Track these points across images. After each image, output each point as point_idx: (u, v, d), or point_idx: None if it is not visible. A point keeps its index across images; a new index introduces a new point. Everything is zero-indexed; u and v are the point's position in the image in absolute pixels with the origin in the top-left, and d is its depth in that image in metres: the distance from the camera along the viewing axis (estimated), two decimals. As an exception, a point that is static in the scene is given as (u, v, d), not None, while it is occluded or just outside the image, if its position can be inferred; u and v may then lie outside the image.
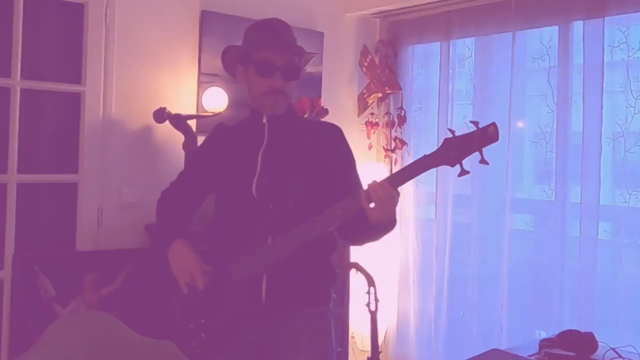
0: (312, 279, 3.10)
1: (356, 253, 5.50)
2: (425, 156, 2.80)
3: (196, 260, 3.05)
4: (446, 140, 2.75)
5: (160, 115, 4.92)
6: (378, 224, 2.84)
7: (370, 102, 6.39)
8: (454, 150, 2.71)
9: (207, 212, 3.56)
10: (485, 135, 2.66)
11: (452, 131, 2.77)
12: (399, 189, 2.86)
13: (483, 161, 2.72)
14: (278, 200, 3.01)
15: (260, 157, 3.11)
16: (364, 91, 6.40)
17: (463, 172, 2.74)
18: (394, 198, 2.80)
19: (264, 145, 3.14)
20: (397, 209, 2.96)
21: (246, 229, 3.02)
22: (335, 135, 3.26)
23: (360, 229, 2.97)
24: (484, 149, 2.72)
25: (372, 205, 2.77)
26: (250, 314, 2.98)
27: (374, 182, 2.79)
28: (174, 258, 3.11)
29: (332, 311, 3.30)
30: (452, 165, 2.74)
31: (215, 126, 3.51)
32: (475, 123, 2.71)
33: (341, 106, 6.27)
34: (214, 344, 3.01)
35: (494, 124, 2.69)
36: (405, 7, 6.14)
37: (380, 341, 5.68)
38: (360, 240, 3.23)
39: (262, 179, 3.07)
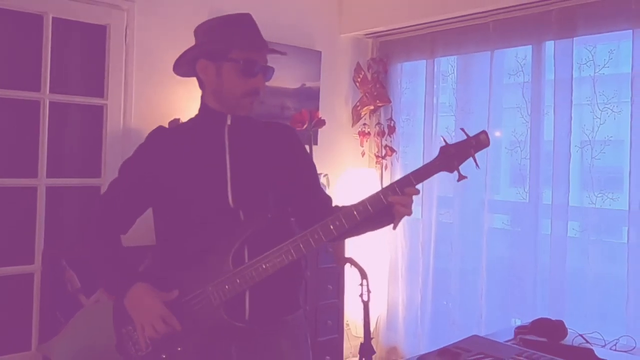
0: (289, 286, 2.76)
1: (350, 249, 5.50)
2: (426, 164, 2.61)
3: (160, 305, 2.51)
4: (442, 148, 2.58)
5: (174, 125, 4.93)
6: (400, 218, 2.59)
7: (363, 113, 6.39)
8: (451, 157, 2.56)
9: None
10: (478, 142, 2.55)
11: (445, 139, 2.62)
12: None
13: (477, 166, 2.62)
14: (256, 210, 2.61)
15: (228, 163, 2.66)
16: (358, 104, 6.40)
17: (461, 177, 2.57)
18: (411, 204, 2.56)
19: (228, 149, 2.69)
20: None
21: (218, 243, 2.56)
22: (291, 136, 2.91)
23: (375, 226, 2.70)
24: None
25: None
26: (232, 333, 2.59)
27: (406, 190, 2.52)
28: (134, 306, 2.58)
29: (304, 312, 2.96)
30: (451, 171, 2.58)
31: (154, 130, 2.94)
32: (464, 130, 2.62)
33: (337, 117, 6.27)
34: None
35: (484, 132, 2.59)
36: (395, 29, 6.15)
37: (372, 328, 5.67)
38: (364, 232, 2.78)
39: (235, 186, 2.63)
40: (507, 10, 5.28)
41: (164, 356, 2.61)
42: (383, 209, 2.53)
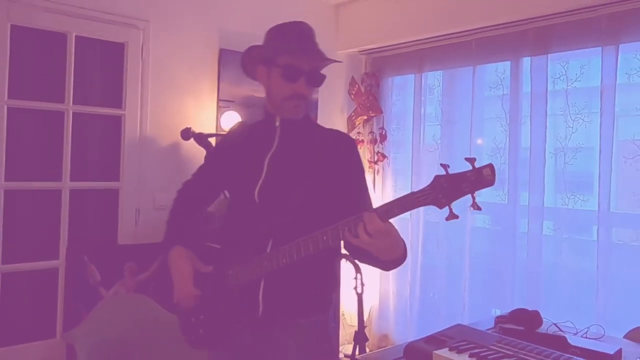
0: (311, 287, 2.58)
1: (346, 246, 5.50)
2: (412, 193, 2.20)
3: (189, 273, 2.63)
4: (436, 177, 2.15)
5: (186, 133, 4.93)
6: (378, 257, 2.33)
7: (357, 123, 6.39)
8: (442, 192, 2.15)
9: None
10: (479, 177, 2.07)
11: (445, 167, 2.16)
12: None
13: (474, 206, 2.17)
14: (279, 208, 2.51)
15: (267, 161, 2.61)
16: (352, 114, 6.40)
17: (451, 216, 2.17)
18: (386, 233, 2.23)
19: (273, 149, 2.63)
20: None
21: (248, 234, 2.60)
22: (348, 146, 2.70)
23: (367, 257, 2.39)
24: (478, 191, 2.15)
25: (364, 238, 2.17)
26: (244, 322, 2.56)
27: (367, 215, 2.18)
28: (172, 265, 2.71)
29: (330, 319, 2.72)
30: (440, 208, 2.19)
31: (236, 124, 3.04)
32: (471, 161, 2.09)
33: (333, 126, 6.20)
34: (210, 341, 2.67)
35: (490, 165, 2.06)
36: (386, 46, 6.15)
37: (365, 318, 5.69)
38: (368, 263, 2.53)
39: (265, 184, 2.57)
40: (488, 29, 5.30)
41: (192, 319, 2.72)
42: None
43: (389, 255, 2.36)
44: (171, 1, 5.11)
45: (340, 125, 6.40)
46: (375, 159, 6.32)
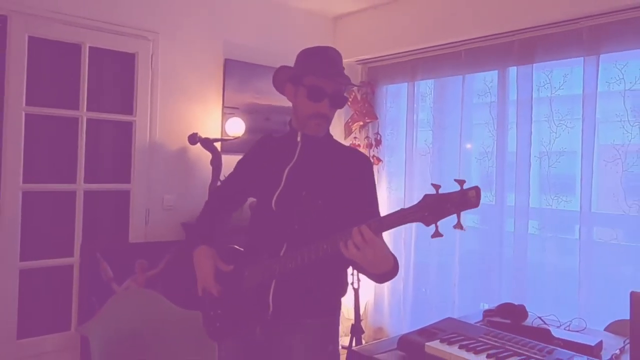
0: (318, 291, 2.62)
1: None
2: (402, 210, 2.21)
3: (211, 270, 2.70)
4: (426, 196, 2.17)
5: (193, 138, 4.95)
6: (369, 271, 2.40)
7: (354, 128, 6.40)
8: (429, 211, 2.15)
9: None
10: (464, 199, 2.10)
11: (436, 187, 2.18)
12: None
13: (458, 226, 2.16)
14: (293, 217, 2.56)
15: (286, 173, 2.65)
16: (349, 120, 6.40)
17: (436, 234, 2.17)
18: (375, 247, 2.19)
19: (293, 162, 2.68)
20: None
21: (265, 238, 2.66)
22: (364, 165, 2.74)
23: (358, 268, 2.49)
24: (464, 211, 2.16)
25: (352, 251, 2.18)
26: (256, 319, 2.62)
27: (357, 230, 2.17)
28: (196, 262, 2.76)
29: (337, 322, 2.81)
30: (427, 225, 2.18)
31: (262, 137, 2.97)
32: (460, 183, 2.14)
33: (332, 131, 6.22)
34: (224, 334, 2.73)
35: (476, 188, 2.10)
36: (381, 56, 6.16)
37: (361, 311, 5.69)
38: (364, 274, 2.59)
39: (283, 194, 2.62)
40: (477, 40, 5.30)
41: (212, 313, 2.78)
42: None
43: (378, 268, 2.35)
44: (179, 14, 5.12)
45: (338, 131, 6.41)
46: (372, 162, 6.32)
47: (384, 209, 4.37)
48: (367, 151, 6.34)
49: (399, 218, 2.21)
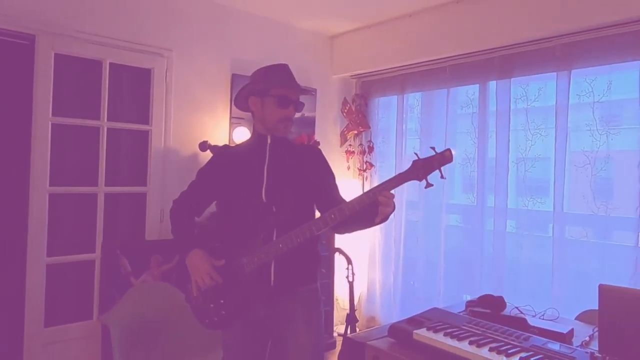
0: (306, 264, 2.91)
1: (338, 241, 5.52)
2: (399, 174, 2.65)
3: (209, 266, 2.81)
4: (414, 162, 2.64)
5: (203, 145, 4.95)
6: (383, 218, 2.67)
7: (348, 136, 6.40)
8: (420, 169, 2.60)
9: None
10: (443, 158, 2.60)
11: (417, 155, 2.68)
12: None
13: (442, 177, 2.63)
14: (281, 204, 2.81)
15: (265, 170, 2.88)
16: (344, 129, 6.40)
17: (428, 185, 2.61)
18: (392, 202, 2.63)
19: (267, 161, 2.91)
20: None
21: (255, 227, 2.78)
22: (317, 154, 3.07)
23: (351, 226, 2.81)
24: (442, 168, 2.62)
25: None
26: (260, 296, 2.79)
27: (382, 194, 2.59)
28: (191, 264, 2.85)
29: (320, 287, 3.04)
30: (420, 180, 2.62)
31: (221, 147, 3.26)
32: (433, 148, 2.65)
33: (329, 140, 6.28)
34: (231, 319, 2.82)
35: (449, 150, 2.64)
36: (373, 72, 6.17)
37: (355, 302, 5.69)
38: (353, 230, 2.93)
39: (269, 187, 2.84)
40: (460, 57, 5.32)
41: (212, 305, 2.85)
42: (366, 208, 2.61)
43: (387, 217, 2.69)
44: (191, 33, 5.12)
45: (334, 139, 6.42)
46: (364, 167, 6.33)
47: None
48: (361, 157, 6.36)
49: (400, 178, 2.61)
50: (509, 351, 2.48)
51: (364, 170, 6.35)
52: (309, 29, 6.16)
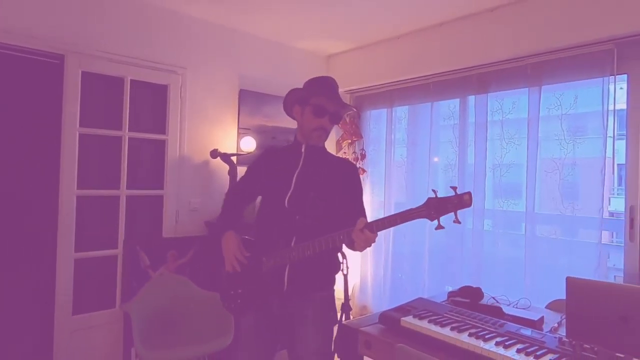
0: (322, 271, 2.80)
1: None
2: (411, 209, 2.43)
3: (238, 248, 2.76)
4: (429, 199, 2.40)
5: (214, 153, 4.96)
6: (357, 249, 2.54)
7: (344, 145, 6.40)
8: (433, 209, 2.36)
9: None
10: (460, 201, 2.33)
11: (435, 192, 2.43)
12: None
13: (457, 221, 2.38)
14: (302, 213, 2.68)
15: (295, 178, 2.76)
16: (340, 138, 6.41)
17: (439, 227, 2.37)
18: (371, 242, 2.49)
19: (299, 169, 2.79)
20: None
21: (278, 231, 2.71)
22: (352, 170, 2.92)
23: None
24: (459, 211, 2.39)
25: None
26: (274, 296, 2.72)
27: (363, 226, 2.46)
28: (224, 244, 2.80)
29: (333, 294, 2.93)
30: (432, 220, 2.38)
31: (266, 148, 3.12)
32: (454, 188, 2.38)
33: (326, 147, 6.27)
34: (244, 309, 2.76)
35: (469, 193, 2.34)
36: (365, 87, 6.17)
37: (350, 292, 5.69)
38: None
39: (293, 195, 2.71)
40: (442, 74, 5.33)
41: (232, 292, 2.81)
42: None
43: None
44: (203, 53, 5.14)
45: (331, 147, 6.42)
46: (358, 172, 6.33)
47: (368, 210, 4.36)
48: (355, 163, 6.36)
49: (409, 215, 2.41)
50: (486, 336, 2.49)
51: (357, 175, 6.35)
52: (307, 50, 6.18)
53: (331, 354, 2.77)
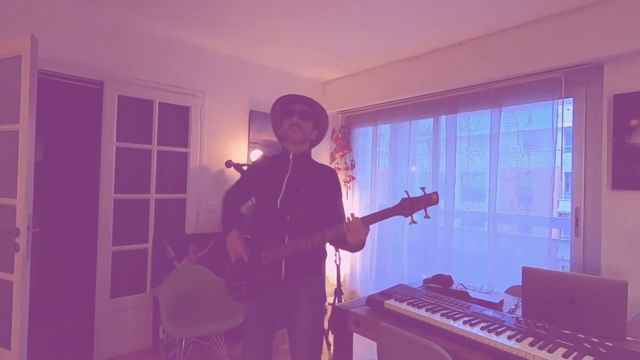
0: (314, 261, 2.71)
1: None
2: (388, 208, 2.44)
3: (242, 245, 2.70)
4: (402, 199, 2.44)
5: (228, 163, 4.95)
6: (351, 244, 2.50)
7: (336, 156, 6.40)
8: (407, 208, 2.41)
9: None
10: (429, 200, 2.39)
11: (407, 193, 2.49)
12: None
13: (427, 216, 2.43)
14: (293, 213, 2.64)
15: (285, 182, 2.71)
16: (333, 151, 6.41)
17: (412, 222, 2.42)
18: (363, 231, 2.43)
19: (288, 174, 2.74)
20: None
21: (272, 229, 2.66)
22: (333, 175, 2.82)
23: (342, 245, 2.58)
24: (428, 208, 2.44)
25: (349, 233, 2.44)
26: (273, 284, 2.67)
27: (354, 218, 2.45)
28: (229, 241, 2.74)
29: (324, 280, 2.84)
30: (405, 217, 2.43)
31: (260, 156, 2.99)
32: (423, 189, 2.44)
33: (322, 159, 6.28)
34: (249, 297, 2.71)
35: (436, 193, 2.41)
36: (355, 108, 6.16)
37: (341, 280, 5.68)
38: (342, 249, 2.66)
39: (284, 197, 2.66)
40: (419, 98, 5.34)
41: (237, 283, 2.73)
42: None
43: (358, 247, 2.56)
44: (219, 80, 5.14)
45: (326, 158, 6.43)
46: (348, 179, 6.33)
47: (356, 212, 4.36)
48: (346, 172, 6.35)
49: (388, 212, 2.42)
50: (455, 316, 2.50)
51: (348, 182, 6.36)
52: (306, 77, 6.18)
53: (322, 328, 2.73)
